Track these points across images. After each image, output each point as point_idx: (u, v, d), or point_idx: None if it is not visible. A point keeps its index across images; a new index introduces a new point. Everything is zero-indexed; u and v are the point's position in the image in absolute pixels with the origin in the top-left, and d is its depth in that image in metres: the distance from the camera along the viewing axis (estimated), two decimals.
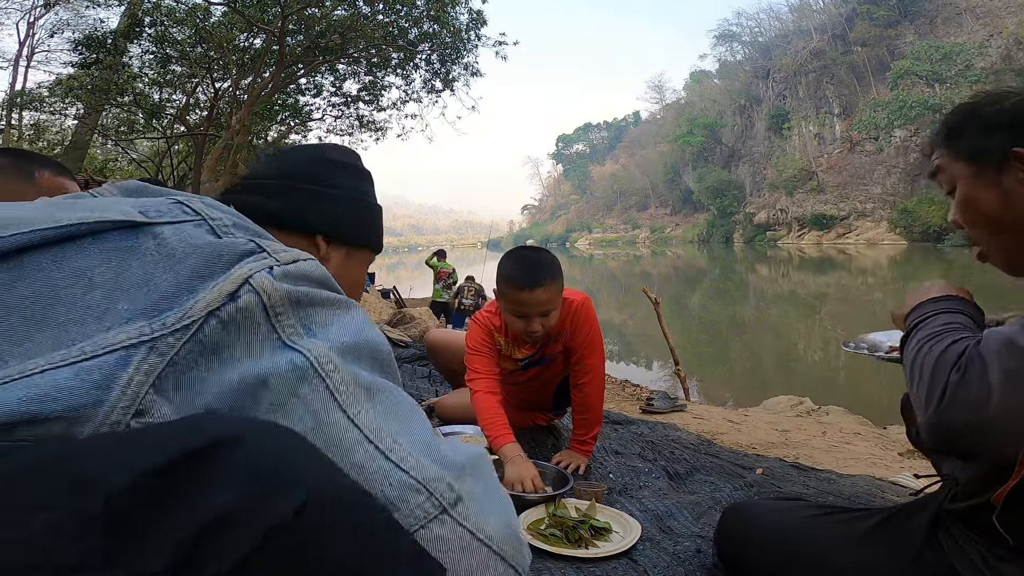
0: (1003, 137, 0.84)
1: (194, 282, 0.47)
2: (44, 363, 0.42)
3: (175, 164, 17.25)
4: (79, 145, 13.06)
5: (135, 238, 0.50)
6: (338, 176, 0.82)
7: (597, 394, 1.88)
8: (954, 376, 0.72)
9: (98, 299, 0.46)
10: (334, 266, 0.80)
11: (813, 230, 54.79)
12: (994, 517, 0.83)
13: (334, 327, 0.51)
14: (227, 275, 0.48)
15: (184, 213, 0.54)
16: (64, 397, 0.41)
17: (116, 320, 0.45)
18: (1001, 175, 0.85)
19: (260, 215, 0.66)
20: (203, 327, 0.46)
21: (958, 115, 0.92)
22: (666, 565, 1.26)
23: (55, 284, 0.46)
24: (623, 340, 12.39)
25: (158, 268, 0.48)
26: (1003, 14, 47.40)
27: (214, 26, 11.72)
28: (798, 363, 9.62)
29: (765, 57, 71.27)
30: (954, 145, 0.90)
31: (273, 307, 0.48)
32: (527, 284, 1.66)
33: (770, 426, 3.62)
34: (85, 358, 0.42)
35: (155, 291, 0.47)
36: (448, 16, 11.83)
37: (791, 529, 1.08)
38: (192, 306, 0.46)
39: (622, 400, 4.70)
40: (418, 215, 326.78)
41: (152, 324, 0.45)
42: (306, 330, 0.49)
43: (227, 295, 0.47)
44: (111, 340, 0.44)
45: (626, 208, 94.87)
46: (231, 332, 0.47)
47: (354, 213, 0.83)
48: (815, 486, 1.87)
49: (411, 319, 7.30)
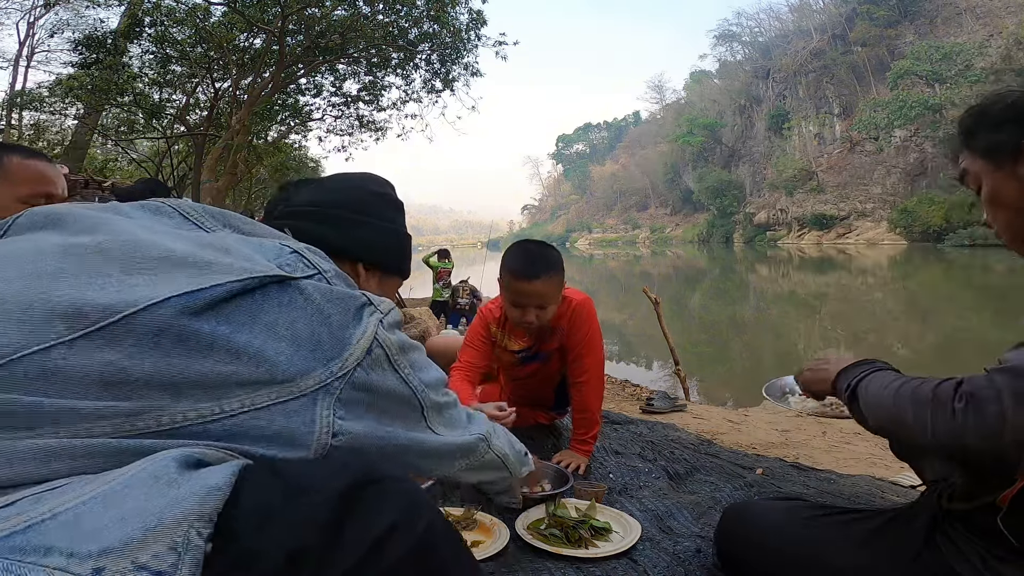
0: (1012, 130, 0.88)
1: (343, 333, 0.62)
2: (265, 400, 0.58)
3: (175, 164, 17.25)
4: (79, 145, 13.06)
5: (287, 292, 0.61)
6: (379, 207, 0.91)
7: (595, 394, 1.89)
8: (957, 405, 0.80)
9: (285, 349, 0.59)
10: (371, 290, 0.84)
11: (813, 230, 54.77)
12: (999, 519, 0.83)
13: (423, 366, 0.72)
14: (360, 328, 0.64)
15: (305, 266, 0.66)
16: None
17: (302, 368, 0.59)
18: (1017, 166, 0.88)
19: (312, 241, 0.76)
20: (355, 373, 0.62)
21: (970, 117, 0.95)
22: (666, 565, 1.26)
23: (251, 341, 0.57)
24: (623, 340, 12.39)
25: (314, 321, 0.61)
26: (1003, 14, 47.38)
27: (214, 26, 11.72)
28: (798, 363, 9.59)
29: (765, 57, 71.23)
30: (972, 145, 0.94)
31: (392, 356, 0.67)
32: (525, 275, 1.73)
33: (770, 426, 3.62)
34: (293, 398, 0.59)
35: (321, 344, 0.61)
36: (448, 16, 11.83)
37: (791, 529, 1.08)
38: (347, 358, 0.62)
39: (622, 400, 4.70)
40: (418, 215, 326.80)
41: (325, 372, 0.60)
42: (414, 369, 0.70)
43: (365, 351, 0.63)
44: (305, 384, 0.59)
45: (626, 208, 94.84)
46: (370, 374, 0.64)
47: (390, 242, 0.92)
48: (815, 486, 1.87)
49: (411, 319, 7.29)
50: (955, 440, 0.80)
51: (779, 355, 10.32)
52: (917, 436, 0.86)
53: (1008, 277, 15.12)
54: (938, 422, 0.82)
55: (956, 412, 0.80)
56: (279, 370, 0.58)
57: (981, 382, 0.80)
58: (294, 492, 0.52)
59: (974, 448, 0.79)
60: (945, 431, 0.81)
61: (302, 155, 20.90)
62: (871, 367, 1.02)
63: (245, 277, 0.59)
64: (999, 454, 0.79)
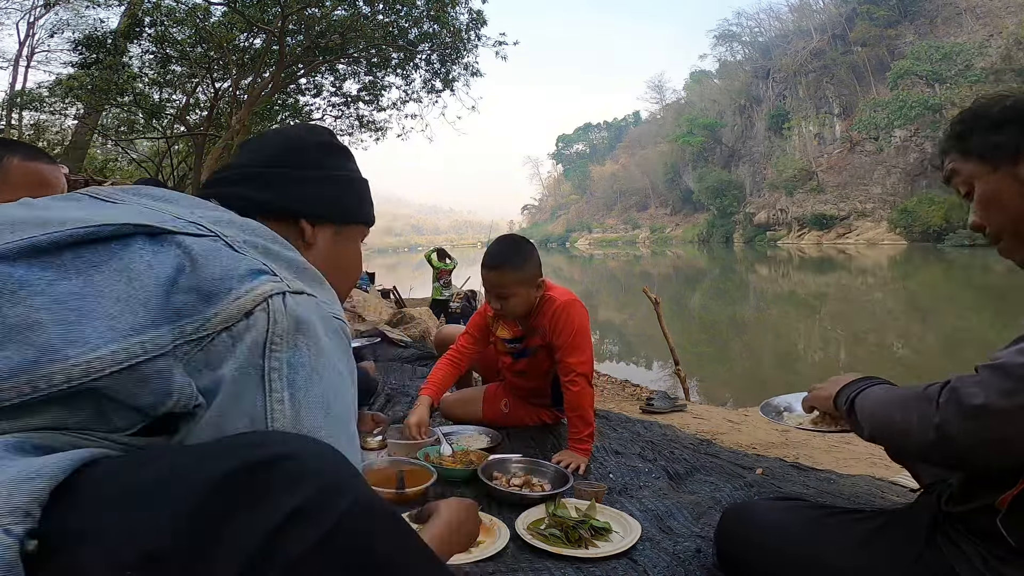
0: (1014, 132, 0.88)
1: (217, 287, 0.53)
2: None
3: (175, 164, 17.24)
4: (79, 145, 13.05)
5: (155, 244, 0.54)
6: (316, 157, 0.81)
7: (583, 395, 1.92)
8: (942, 399, 0.82)
9: (134, 302, 0.51)
10: (323, 248, 0.80)
11: (813, 230, 54.74)
12: (998, 520, 0.84)
13: (311, 383, 0.56)
14: (243, 288, 0.54)
15: (198, 228, 0.58)
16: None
17: (148, 320, 0.51)
18: (1018, 167, 0.88)
19: (244, 205, 0.70)
20: (220, 337, 0.52)
21: (964, 119, 0.95)
22: (666, 565, 1.26)
23: (98, 282, 0.51)
24: (623, 340, 12.39)
25: (183, 273, 0.53)
26: (1003, 14, 47.35)
27: (214, 26, 11.71)
28: (798, 363, 9.61)
29: (765, 57, 71.20)
30: (964, 147, 0.93)
31: (276, 334, 0.54)
32: (485, 263, 1.93)
33: (770, 426, 3.61)
34: (142, 360, 0.50)
35: (186, 300, 0.52)
36: (448, 16, 11.82)
37: (791, 529, 1.08)
38: (213, 317, 0.52)
39: (622, 400, 4.70)
40: (418, 215, 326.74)
41: (174, 331, 0.51)
42: (290, 370, 0.54)
43: (243, 314, 0.53)
44: (156, 344, 0.50)
45: (626, 208, 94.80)
46: (237, 345, 0.53)
47: (336, 190, 0.82)
48: (815, 486, 1.87)
49: (411, 319, 7.29)
50: (938, 434, 0.81)
51: (779, 355, 10.32)
52: (905, 436, 0.86)
53: (1008, 277, 15.09)
54: (923, 418, 0.83)
55: (939, 406, 0.81)
56: (121, 324, 0.50)
57: (967, 379, 0.81)
58: (161, 481, 0.44)
59: (960, 444, 0.79)
60: (929, 426, 0.82)
61: None
62: (870, 382, 1.04)
63: (94, 225, 0.53)
64: (985, 454, 0.79)
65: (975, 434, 0.78)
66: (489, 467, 1.67)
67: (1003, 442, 0.77)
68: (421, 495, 1.54)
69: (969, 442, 0.79)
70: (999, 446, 0.78)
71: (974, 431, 0.78)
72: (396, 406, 2.58)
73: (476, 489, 1.62)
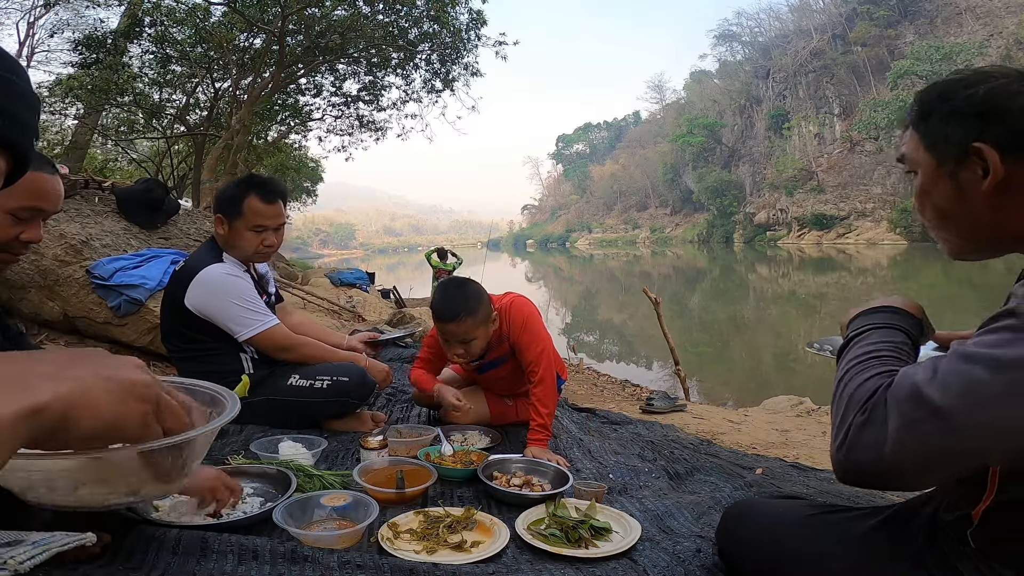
0: (968, 127, 0.79)
1: None
2: None
3: (175, 164, 17.24)
4: (79, 145, 13.04)
5: None
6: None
7: (541, 382, 1.99)
8: (858, 418, 0.74)
9: None
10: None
11: (813, 230, 54.72)
12: (968, 533, 0.82)
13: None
14: None
15: None
16: None
17: None
18: (959, 169, 0.81)
19: None
20: None
21: (932, 93, 0.87)
22: (666, 565, 1.26)
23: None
24: (623, 340, 12.39)
25: None
26: (1003, 14, 47.36)
27: (214, 26, 11.71)
28: (798, 363, 9.60)
29: (765, 57, 71.18)
30: (921, 128, 0.87)
31: None
32: (441, 317, 1.97)
33: (770, 426, 3.61)
34: None
35: None
36: (448, 16, 11.83)
37: (791, 528, 1.08)
38: None
39: (622, 400, 4.70)
40: (418, 215, 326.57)
41: None
42: None
43: None
44: None
45: (626, 208, 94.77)
46: None
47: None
48: (815, 486, 1.86)
49: (411, 319, 7.29)
50: (840, 468, 0.75)
51: (779, 355, 10.31)
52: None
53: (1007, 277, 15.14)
54: (837, 437, 0.76)
55: (850, 429, 0.74)
56: None
57: (881, 399, 0.73)
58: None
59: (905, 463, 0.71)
60: (835, 452, 0.76)
61: (302, 155, 20.90)
62: (876, 323, 0.90)
63: None
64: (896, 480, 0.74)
65: (874, 468, 0.73)
66: (489, 467, 1.67)
67: (923, 470, 0.72)
68: (421, 495, 1.54)
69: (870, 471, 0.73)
70: (920, 468, 0.72)
71: (869, 466, 0.73)
72: (396, 406, 2.58)
73: (476, 489, 1.62)
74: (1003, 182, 0.78)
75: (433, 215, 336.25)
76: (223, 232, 2.08)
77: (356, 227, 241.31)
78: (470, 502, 1.52)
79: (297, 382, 2.06)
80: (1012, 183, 0.78)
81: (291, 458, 1.66)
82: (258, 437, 1.87)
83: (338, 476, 1.58)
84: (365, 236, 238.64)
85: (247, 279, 2.09)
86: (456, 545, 1.26)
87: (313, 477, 1.53)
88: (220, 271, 2.03)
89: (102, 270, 3.66)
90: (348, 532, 1.23)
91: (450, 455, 1.79)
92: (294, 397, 2.06)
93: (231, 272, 2.05)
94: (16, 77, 0.57)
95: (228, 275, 2.03)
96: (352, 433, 2.08)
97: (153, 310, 3.61)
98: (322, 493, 1.37)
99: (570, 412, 2.68)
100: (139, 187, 4.78)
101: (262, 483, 1.47)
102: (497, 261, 51.47)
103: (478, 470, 1.63)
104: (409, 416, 2.44)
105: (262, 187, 2.08)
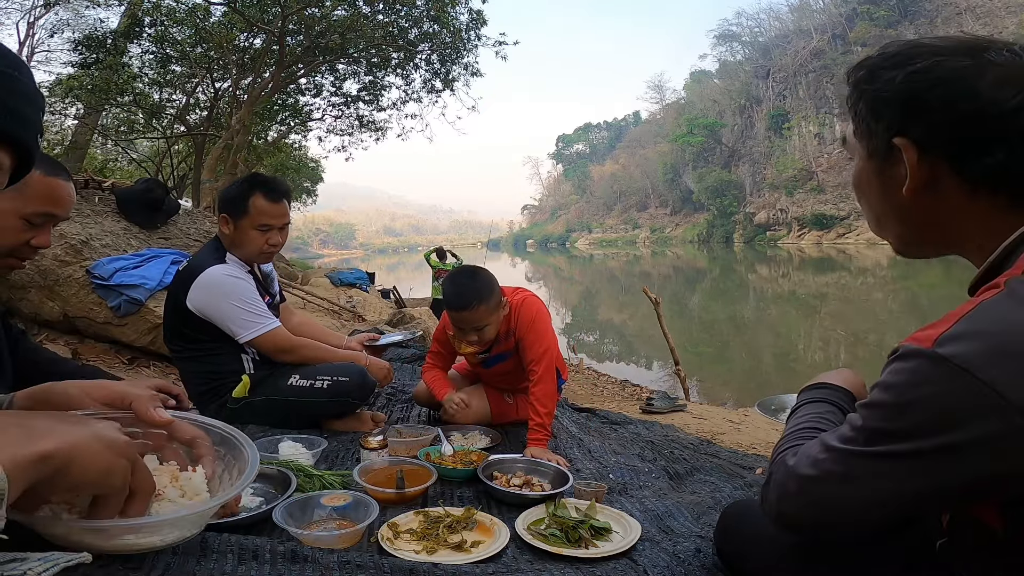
0: (889, 119, 0.70)
1: None
2: None
3: (175, 164, 17.24)
4: (79, 145, 13.03)
5: None
6: None
7: (541, 382, 2.00)
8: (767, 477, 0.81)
9: None
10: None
11: (813, 230, 54.74)
12: (937, 545, 0.81)
13: None
14: None
15: None
16: None
17: None
18: (886, 165, 0.73)
19: None
20: None
21: (861, 70, 0.76)
22: (666, 565, 1.26)
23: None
24: (623, 340, 12.39)
25: None
26: (1003, 14, 47.40)
27: (214, 26, 11.71)
28: (798, 363, 9.61)
29: (765, 57, 71.19)
30: (852, 112, 0.77)
31: None
32: (455, 306, 1.99)
33: (770, 426, 3.62)
34: None
35: None
36: (448, 16, 11.83)
37: None
38: None
39: (622, 400, 4.70)
40: (418, 215, 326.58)
41: None
42: None
43: None
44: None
45: (626, 208, 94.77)
46: None
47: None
48: None
49: (411, 319, 7.30)
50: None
51: (779, 355, 10.32)
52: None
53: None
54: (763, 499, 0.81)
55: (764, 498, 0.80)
56: None
57: (779, 464, 0.79)
58: None
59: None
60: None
61: (302, 155, 20.91)
62: (810, 396, 0.97)
63: None
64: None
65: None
66: (489, 467, 1.67)
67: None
68: (421, 495, 1.54)
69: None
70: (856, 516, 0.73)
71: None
72: (396, 406, 2.58)
73: (476, 489, 1.62)
74: (927, 185, 0.69)
75: (433, 215, 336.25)
76: (228, 231, 2.08)
77: (356, 227, 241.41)
78: (470, 502, 1.52)
79: (297, 382, 2.06)
80: (938, 185, 0.69)
81: (291, 458, 1.66)
82: (258, 437, 1.87)
83: (338, 476, 1.57)
84: (365, 236, 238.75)
85: (249, 280, 2.09)
86: (456, 545, 1.26)
87: (313, 477, 1.53)
88: (221, 272, 2.03)
89: (102, 270, 3.66)
90: (348, 532, 1.23)
91: (450, 455, 1.79)
92: (294, 397, 2.06)
93: (232, 273, 2.05)
94: (19, 74, 0.59)
95: (229, 276, 2.03)
96: (352, 433, 2.08)
97: (153, 310, 3.62)
98: (322, 493, 1.37)
99: (570, 412, 2.68)
100: (139, 187, 4.79)
101: (262, 483, 1.47)
102: (497, 261, 51.45)
103: (478, 470, 1.63)
104: (409, 416, 2.44)
105: (267, 186, 2.08)
